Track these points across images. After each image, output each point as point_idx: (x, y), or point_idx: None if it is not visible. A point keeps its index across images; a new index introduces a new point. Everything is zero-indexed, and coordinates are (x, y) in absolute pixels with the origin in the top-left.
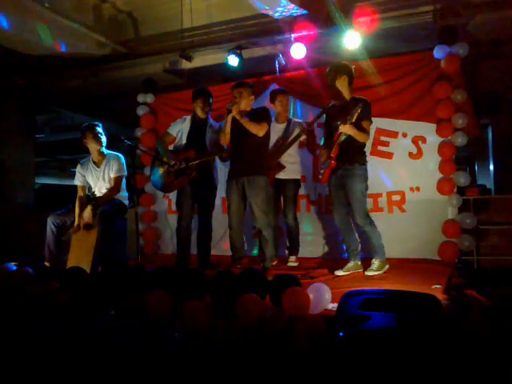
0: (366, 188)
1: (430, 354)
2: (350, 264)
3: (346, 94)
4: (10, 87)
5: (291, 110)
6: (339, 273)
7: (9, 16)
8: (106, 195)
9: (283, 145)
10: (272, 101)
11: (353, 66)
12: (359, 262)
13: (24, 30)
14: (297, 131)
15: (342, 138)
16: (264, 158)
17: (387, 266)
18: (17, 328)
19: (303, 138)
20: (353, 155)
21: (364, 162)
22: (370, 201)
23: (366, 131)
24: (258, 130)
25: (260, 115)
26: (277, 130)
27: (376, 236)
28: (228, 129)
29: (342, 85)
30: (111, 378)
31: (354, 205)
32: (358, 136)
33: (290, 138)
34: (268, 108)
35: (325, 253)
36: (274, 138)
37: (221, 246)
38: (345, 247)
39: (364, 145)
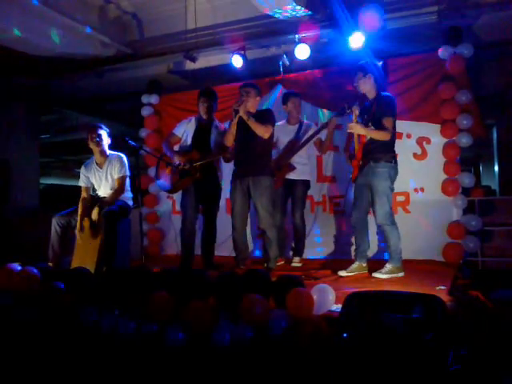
0: (392, 188)
1: (434, 355)
2: (355, 265)
3: (371, 93)
4: (15, 88)
5: None
6: (343, 273)
7: (13, 17)
8: (111, 197)
9: (295, 146)
10: (284, 102)
11: (379, 63)
12: (364, 264)
13: (28, 30)
14: (311, 132)
15: (367, 137)
16: (269, 158)
17: (401, 274)
18: (20, 327)
19: (316, 138)
20: (377, 153)
21: (391, 160)
22: None
23: (385, 128)
24: (264, 132)
25: (264, 117)
26: (288, 132)
27: (394, 238)
28: (234, 129)
29: (366, 84)
30: (114, 377)
31: (376, 202)
32: (372, 134)
33: (303, 139)
34: (272, 110)
35: (329, 253)
36: (285, 140)
37: (225, 247)
38: (354, 247)
39: (390, 142)
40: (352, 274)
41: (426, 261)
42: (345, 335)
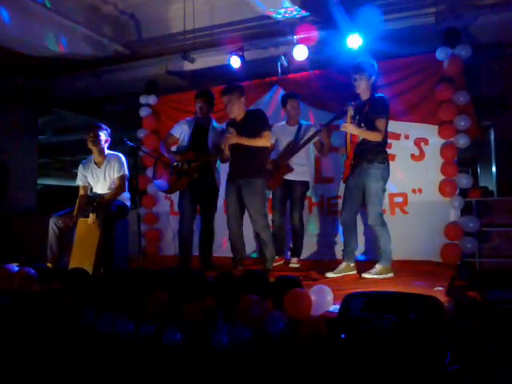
0: (383, 188)
1: (431, 355)
2: (343, 265)
3: (365, 94)
4: (13, 88)
5: None
6: (330, 275)
7: (11, 17)
8: (111, 195)
9: (294, 147)
10: (283, 105)
11: (374, 63)
12: (352, 264)
13: (26, 31)
14: (310, 133)
15: (359, 138)
16: (263, 160)
17: (390, 274)
18: (19, 328)
19: (316, 139)
20: (370, 154)
21: (383, 161)
22: None
23: (377, 129)
24: (265, 142)
25: (258, 125)
26: (288, 133)
27: (384, 238)
28: (227, 151)
29: (362, 84)
30: (112, 378)
31: (367, 204)
32: (364, 134)
33: (302, 141)
34: (262, 111)
35: (326, 254)
36: (285, 141)
37: (223, 248)
38: (342, 247)
39: (382, 143)
40: (340, 275)
41: (424, 261)
42: (343, 336)
